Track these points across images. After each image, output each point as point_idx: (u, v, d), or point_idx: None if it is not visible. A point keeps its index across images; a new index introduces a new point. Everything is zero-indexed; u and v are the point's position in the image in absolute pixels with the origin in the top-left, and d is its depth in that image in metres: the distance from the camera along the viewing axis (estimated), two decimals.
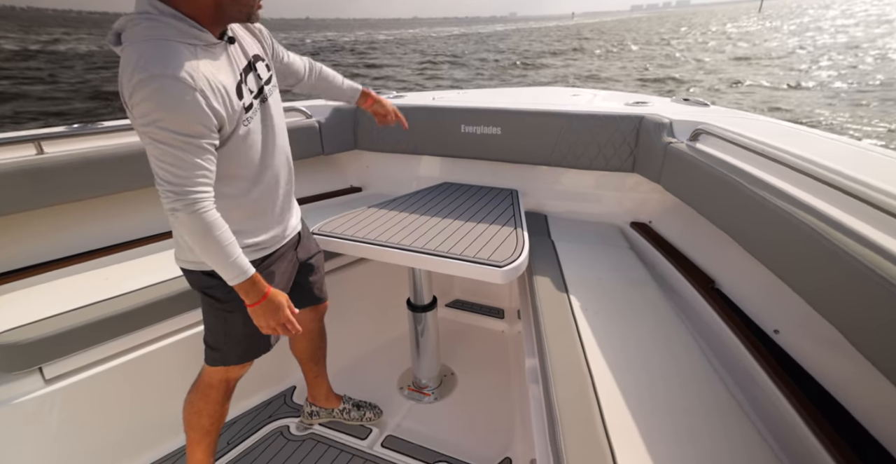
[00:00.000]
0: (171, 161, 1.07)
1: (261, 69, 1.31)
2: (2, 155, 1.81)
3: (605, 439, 1.11)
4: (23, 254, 1.91)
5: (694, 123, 2.02)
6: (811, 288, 1.20)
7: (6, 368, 1.52)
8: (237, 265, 1.20)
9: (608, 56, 26.07)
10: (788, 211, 1.28)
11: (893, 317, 0.92)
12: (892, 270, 0.96)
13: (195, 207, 1.12)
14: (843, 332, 1.07)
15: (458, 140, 2.49)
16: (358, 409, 2.05)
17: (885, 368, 0.95)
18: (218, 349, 1.49)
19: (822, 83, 14.44)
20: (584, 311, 1.64)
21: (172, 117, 1.04)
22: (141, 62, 1.00)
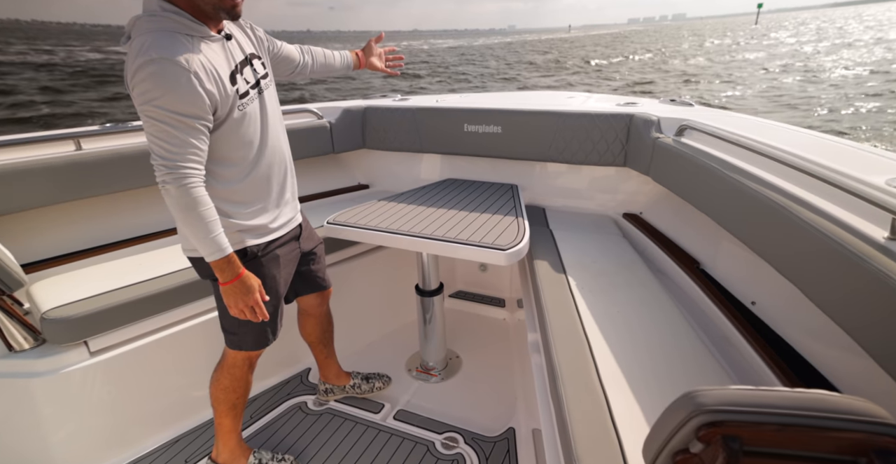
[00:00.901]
0: (164, 138, 1.18)
1: (257, 65, 1.44)
2: (45, 151, 1.99)
3: (601, 392, 1.25)
4: (66, 240, 2.08)
5: (679, 120, 2.20)
6: (784, 261, 1.36)
7: (57, 340, 1.68)
8: (216, 242, 1.29)
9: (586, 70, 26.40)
10: (763, 193, 1.44)
11: (854, 281, 1.08)
12: (850, 239, 1.12)
13: (184, 182, 1.21)
14: (810, 297, 1.23)
15: (461, 139, 2.67)
16: (367, 381, 2.21)
17: (847, 326, 1.10)
18: (234, 333, 1.60)
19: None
20: (581, 289, 1.79)
21: (168, 96, 1.15)
22: (143, 49, 1.13)
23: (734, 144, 1.79)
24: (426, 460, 1.87)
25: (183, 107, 1.17)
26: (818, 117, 11.60)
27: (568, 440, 1.12)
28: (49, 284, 1.81)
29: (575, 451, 1.08)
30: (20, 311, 1.71)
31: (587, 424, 1.15)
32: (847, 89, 14.92)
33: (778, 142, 1.71)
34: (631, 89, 18.16)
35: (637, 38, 73.10)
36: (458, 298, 3.00)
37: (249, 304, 1.40)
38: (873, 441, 0.68)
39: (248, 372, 1.70)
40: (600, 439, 1.10)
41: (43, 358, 1.66)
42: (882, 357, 1.04)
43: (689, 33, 72.22)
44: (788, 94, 15.03)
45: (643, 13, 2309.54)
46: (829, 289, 1.19)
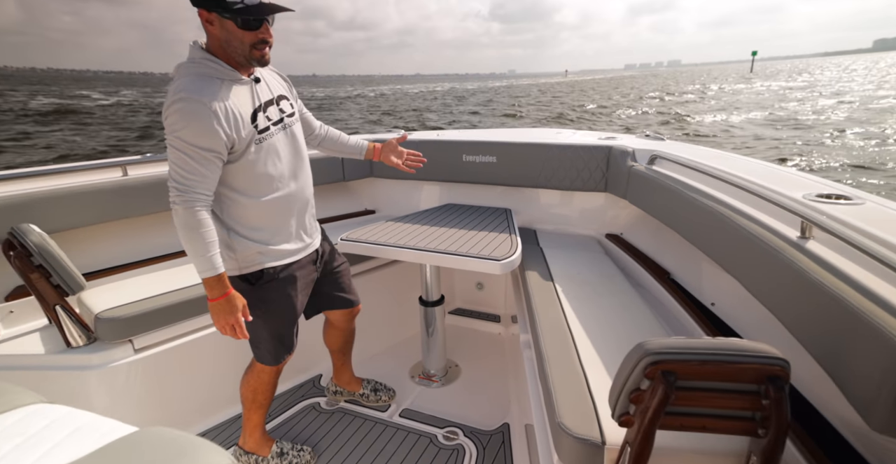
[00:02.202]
0: (181, 164, 1.36)
1: (284, 105, 1.62)
2: (96, 177, 2.31)
3: (584, 380, 1.45)
4: (112, 254, 2.37)
5: (651, 151, 2.52)
6: (732, 262, 1.63)
7: (106, 338, 1.93)
8: (210, 261, 1.42)
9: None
10: (720, 211, 1.73)
11: (776, 269, 1.35)
12: (774, 240, 1.40)
13: (190, 205, 1.38)
14: (758, 299, 1.48)
15: (460, 168, 2.99)
16: (375, 393, 2.38)
17: (786, 321, 1.34)
18: (258, 347, 1.79)
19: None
20: (567, 295, 2.05)
21: (188, 130, 1.33)
22: (177, 89, 1.34)
23: (695, 170, 2.10)
24: (429, 450, 2.07)
25: (200, 140, 1.35)
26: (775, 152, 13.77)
27: (556, 428, 1.30)
28: (99, 291, 2.07)
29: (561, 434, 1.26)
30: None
31: (572, 410, 1.33)
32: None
33: (730, 168, 2.02)
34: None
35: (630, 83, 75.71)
36: (457, 314, 3.23)
37: (230, 322, 1.51)
38: (767, 370, 0.94)
39: (273, 378, 1.89)
40: (584, 423, 1.28)
41: (95, 353, 1.90)
42: (786, 318, 1.31)
43: (688, 80, 75.52)
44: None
45: (639, 59, 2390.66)
46: (760, 279, 1.46)
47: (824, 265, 1.23)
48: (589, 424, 1.27)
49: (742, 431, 1.03)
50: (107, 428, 1.04)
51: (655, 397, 0.96)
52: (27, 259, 1.81)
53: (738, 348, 0.97)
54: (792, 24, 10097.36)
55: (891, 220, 1.39)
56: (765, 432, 0.99)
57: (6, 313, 2.09)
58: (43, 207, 2.11)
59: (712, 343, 1.00)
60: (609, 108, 28.90)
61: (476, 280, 3.25)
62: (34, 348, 1.93)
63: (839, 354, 1.09)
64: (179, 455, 0.90)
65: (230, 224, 1.57)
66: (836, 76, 59.19)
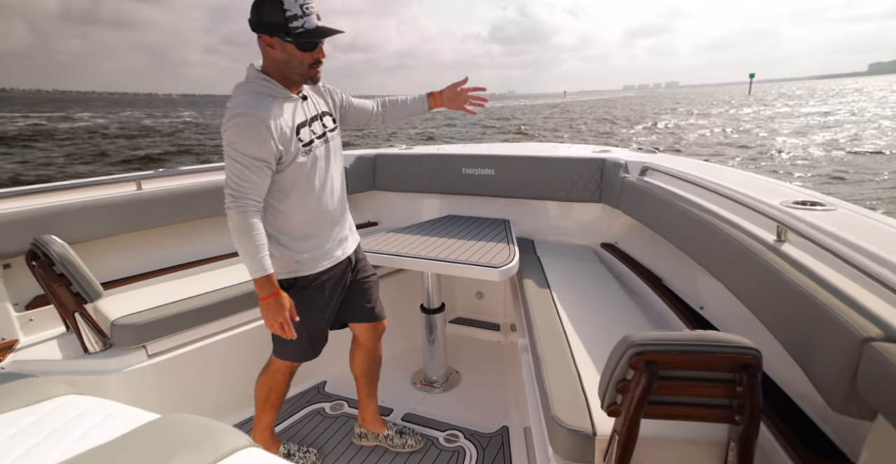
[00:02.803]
0: (236, 173, 1.49)
1: (326, 121, 1.74)
2: (111, 191, 2.43)
3: (578, 380, 1.54)
4: (128, 264, 2.48)
5: (642, 163, 2.64)
6: (717, 266, 1.72)
7: (121, 343, 2.01)
8: (261, 262, 1.53)
9: None
10: (706, 219, 1.83)
11: (755, 270, 1.44)
12: (752, 244, 1.51)
13: (243, 209, 1.49)
14: (740, 299, 1.57)
15: (460, 180, 3.11)
16: (401, 435, 2.18)
17: (762, 317, 1.44)
18: (281, 344, 1.84)
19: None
20: (562, 301, 2.13)
21: (243, 142, 1.46)
22: (235, 105, 1.48)
23: (683, 181, 2.21)
24: (430, 452, 2.13)
25: (254, 151, 1.48)
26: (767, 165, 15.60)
27: (551, 422, 1.37)
28: (115, 299, 2.16)
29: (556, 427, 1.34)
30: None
31: (565, 404, 1.41)
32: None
33: (715, 178, 2.13)
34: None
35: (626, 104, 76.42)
36: (457, 323, 3.31)
37: (279, 320, 1.61)
38: (740, 359, 1.03)
39: (287, 378, 1.95)
40: (576, 416, 1.35)
41: (111, 358, 1.98)
42: (763, 315, 1.40)
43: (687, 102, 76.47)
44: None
45: (637, 81, 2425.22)
46: (740, 281, 1.55)
47: (796, 265, 1.33)
48: (581, 416, 1.35)
49: (721, 418, 1.11)
50: (134, 415, 1.13)
51: (639, 386, 1.05)
52: (50, 268, 1.91)
53: (714, 339, 1.06)
54: (787, 47, 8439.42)
55: (859, 224, 1.49)
56: (741, 418, 1.08)
57: (26, 322, 2.18)
58: (63, 220, 2.22)
59: (691, 335, 1.09)
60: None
61: (476, 290, 3.34)
62: (53, 353, 2.01)
63: (807, 345, 1.18)
64: (204, 437, 0.99)
65: (271, 232, 1.66)
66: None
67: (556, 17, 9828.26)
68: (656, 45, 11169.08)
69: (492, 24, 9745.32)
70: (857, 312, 1.07)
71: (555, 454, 1.38)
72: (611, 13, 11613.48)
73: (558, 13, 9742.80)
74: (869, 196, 10.80)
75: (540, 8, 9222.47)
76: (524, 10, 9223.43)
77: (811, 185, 11.95)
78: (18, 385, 1.22)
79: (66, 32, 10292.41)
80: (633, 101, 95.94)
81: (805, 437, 1.30)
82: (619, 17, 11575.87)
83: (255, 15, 1.49)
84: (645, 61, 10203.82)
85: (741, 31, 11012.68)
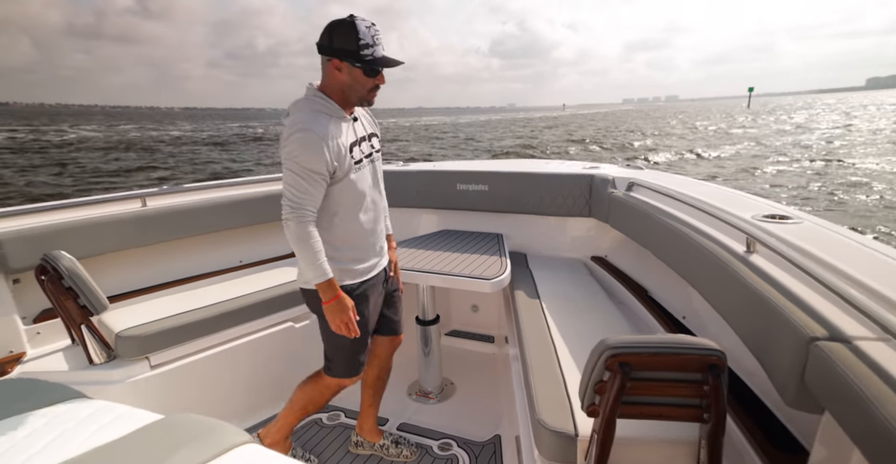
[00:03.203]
0: (295, 185, 1.59)
1: (374, 142, 1.87)
2: (117, 208, 2.53)
3: (563, 387, 1.62)
4: (132, 278, 2.57)
5: (629, 179, 2.74)
6: (699, 282, 1.80)
7: (125, 355, 2.09)
8: (321, 268, 1.64)
9: None
10: (684, 231, 1.92)
11: (726, 280, 1.52)
12: (724, 255, 1.59)
13: (302, 219, 1.60)
14: (713, 306, 1.65)
15: (454, 196, 3.21)
16: (396, 445, 2.25)
17: (732, 322, 1.52)
18: (329, 360, 1.92)
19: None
20: (552, 312, 2.22)
21: (303, 156, 1.56)
22: (296, 121, 1.58)
23: (665, 196, 2.31)
24: (425, 460, 2.20)
25: (312, 165, 1.58)
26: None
27: (536, 424, 1.45)
28: (120, 313, 2.24)
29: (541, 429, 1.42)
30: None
31: (550, 408, 1.49)
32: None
33: (694, 193, 2.23)
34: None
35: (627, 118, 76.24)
36: (453, 336, 3.38)
37: (344, 320, 1.72)
38: (706, 360, 1.12)
39: (334, 393, 2.01)
40: (560, 418, 1.43)
41: (115, 370, 2.06)
42: (732, 320, 1.49)
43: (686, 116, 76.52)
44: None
45: (637, 94, 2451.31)
46: (714, 289, 1.64)
47: (760, 274, 1.42)
48: (564, 418, 1.43)
49: (692, 417, 1.19)
50: (141, 416, 1.21)
51: (615, 386, 1.13)
52: (58, 282, 1.99)
53: (682, 341, 1.14)
54: (784, 61, 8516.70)
55: (820, 236, 1.59)
56: (709, 416, 1.16)
57: (34, 335, 2.26)
58: (71, 236, 2.32)
59: (661, 338, 1.17)
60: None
61: (471, 303, 3.42)
62: (59, 365, 2.09)
63: (767, 346, 1.27)
64: (207, 433, 1.07)
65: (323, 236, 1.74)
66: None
67: (555, 31, 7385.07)
68: (655, 59, 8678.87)
69: (492, 38, 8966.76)
70: (807, 314, 1.16)
71: (540, 456, 1.46)
72: (610, 28, 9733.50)
73: (558, 28, 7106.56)
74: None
75: (539, 22, 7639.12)
76: (524, 24, 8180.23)
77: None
78: (33, 390, 1.30)
79: (69, 47, 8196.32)
80: (630, 114, 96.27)
81: (770, 433, 1.39)
82: (617, 31, 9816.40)
83: (327, 39, 1.60)
84: (644, 75, 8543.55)
85: (739, 46, 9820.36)
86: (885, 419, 0.83)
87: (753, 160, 20.32)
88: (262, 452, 1.07)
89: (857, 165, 17.45)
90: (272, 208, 2.97)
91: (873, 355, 0.97)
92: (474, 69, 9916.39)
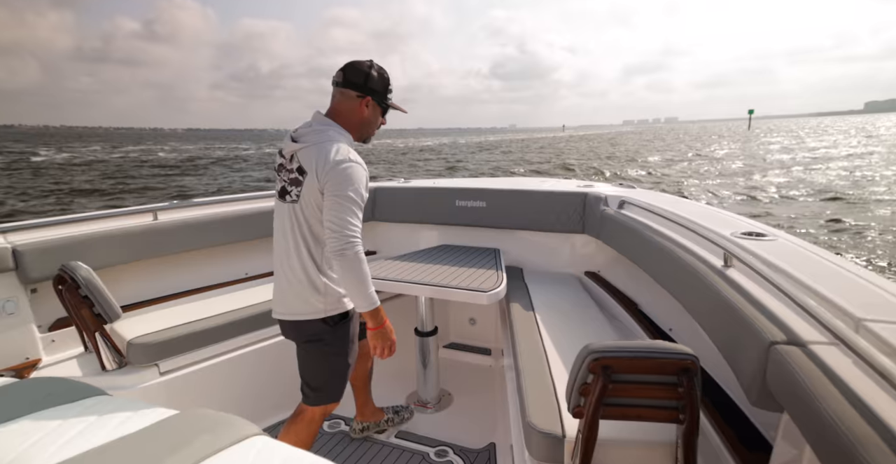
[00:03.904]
0: (350, 215, 1.60)
1: None
2: (129, 221, 2.65)
3: (553, 388, 1.71)
4: (143, 289, 2.68)
5: (620, 197, 2.86)
6: (683, 295, 1.91)
7: (136, 362, 2.18)
8: (372, 297, 1.68)
9: None
10: (669, 247, 2.03)
11: (706, 292, 1.63)
12: (703, 270, 1.70)
13: (357, 248, 1.62)
14: (693, 316, 1.75)
15: (453, 212, 3.33)
16: (397, 414, 2.57)
17: (709, 331, 1.62)
18: (321, 390, 1.87)
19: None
20: (545, 324, 2.31)
21: (359, 186, 1.64)
22: (341, 152, 1.62)
23: (653, 213, 2.44)
24: None
25: (362, 196, 1.67)
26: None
27: (527, 427, 1.54)
28: (131, 322, 2.34)
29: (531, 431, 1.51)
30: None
31: (540, 411, 1.57)
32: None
33: (679, 210, 2.35)
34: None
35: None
36: (451, 348, 3.46)
37: (387, 345, 1.79)
38: (680, 364, 1.22)
39: (321, 424, 1.98)
40: (549, 421, 1.52)
41: (126, 376, 2.15)
42: (709, 329, 1.59)
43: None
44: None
45: (637, 116, 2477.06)
46: (695, 301, 1.74)
47: (733, 286, 1.53)
48: (553, 421, 1.52)
49: (669, 418, 1.29)
50: (160, 411, 1.30)
51: (597, 388, 1.22)
52: (76, 291, 2.10)
53: (658, 346, 1.25)
54: (783, 85, 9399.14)
55: (790, 252, 1.72)
56: (684, 417, 1.25)
57: (49, 342, 2.35)
58: (85, 248, 2.43)
59: (640, 343, 1.28)
60: None
61: (469, 316, 3.51)
62: (73, 371, 2.18)
63: (736, 351, 1.37)
64: (220, 425, 1.16)
65: (325, 270, 1.77)
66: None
67: (554, 54, 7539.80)
68: (654, 81, 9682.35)
69: (492, 60, 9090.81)
70: (770, 321, 1.27)
71: (530, 457, 1.54)
72: (608, 51, 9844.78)
73: (557, 51, 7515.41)
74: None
75: (539, 45, 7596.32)
76: (523, 47, 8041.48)
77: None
78: (58, 388, 1.39)
79: (77, 70, 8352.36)
80: (627, 136, 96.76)
81: (741, 432, 1.49)
82: (616, 54, 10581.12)
83: (363, 79, 1.73)
84: (643, 97, 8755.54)
85: (737, 69, 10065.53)
86: (830, 418, 0.92)
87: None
88: (272, 442, 1.16)
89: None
90: None
91: (824, 358, 1.08)
92: (475, 90, 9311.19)
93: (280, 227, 1.79)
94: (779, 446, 1.25)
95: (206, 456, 1.03)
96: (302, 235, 1.72)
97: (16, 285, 2.30)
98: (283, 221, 1.77)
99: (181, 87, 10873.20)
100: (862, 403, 0.92)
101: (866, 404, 0.91)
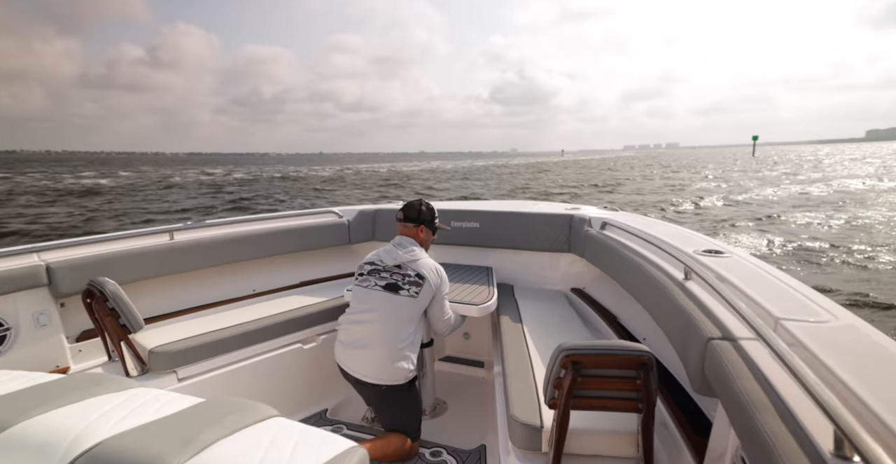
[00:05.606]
0: (448, 308, 2.48)
1: None
2: (148, 241, 2.89)
3: (535, 387, 1.92)
4: (162, 303, 2.90)
5: (603, 219, 3.11)
6: (651, 305, 2.12)
7: (156, 369, 2.38)
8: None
9: None
10: (643, 265, 2.25)
11: (668, 303, 1.84)
12: (667, 282, 1.93)
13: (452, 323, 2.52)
14: (661, 327, 1.95)
15: (449, 232, 3.56)
16: None
17: (667, 332, 1.83)
18: (417, 427, 2.46)
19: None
20: (531, 334, 2.52)
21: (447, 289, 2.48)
22: (437, 266, 2.46)
23: (629, 233, 2.67)
24: None
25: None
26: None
27: (511, 419, 1.74)
28: (152, 333, 2.55)
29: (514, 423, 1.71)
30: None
31: (522, 406, 1.78)
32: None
33: (652, 231, 2.59)
34: None
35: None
36: (446, 361, 3.65)
37: None
38: (638, 359, 1.44)
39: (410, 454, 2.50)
40: (529, 413, 1.73)
41: (148, 382, 2.34)
42: (668, 331, 1.81)
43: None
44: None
45: (638, 141, 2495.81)
46: (660, 310, 1.96)
47: (688, 294, 1.76)
48: (533, 413, 1.73)
49: (630, 408, 1.50)
50: (192, 399, 1.52)
51: (568, 381, 1.44)
52: (104, 303, 2.32)
53: (620, 345, 1.47)
54: (783, 112, 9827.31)
55: (738, 266, 1.95)
56: (642, 406, 1.46)
57: (76, 352, 2.56)
58: (109, 265, 2.66)
59: (605, 342, 1.50)
60: None
61: (463, 330, 3.71)
62: None
63: (686, 347, 1.58)
64: (243, 408, 1.36)
65: (416, 343, 2.42)
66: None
67: (554, 79, 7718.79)
68: (654, 107, 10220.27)
69: (492, 85, 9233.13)
70: (710, 321, 1.49)
71: (513, 447, 1.74)
72: (607, 77, 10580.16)
73: (556, 76, 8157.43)
74: None
75: (538, 71, 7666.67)
76: (523, 72, 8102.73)
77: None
78: (107, 380, 1.61)
79: (81, 97, 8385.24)
80: (622, 161, 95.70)
81: (694, 421, 1.70)
82: (615, 80, 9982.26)
83: (416, 214, 2.59)
84: (643, 123, 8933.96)
85: (736, 97, 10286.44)
86: (746, 402, 1.09)
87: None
88: (289, 423, 1.37)
89: None
90: (282, 243, 3.37)
91: (747, 351, 1.29)
92: (476, 115, 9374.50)
93: (379, 307, 2.39)
94: (715, 429, 1.46)
95: (233, 431, 1.23)
96: (410, 319, 2.39)
97: (48, 299, 2.52)
98: (385, 306, 2.38)
99: (184, 112, 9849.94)
100: (772, 388, 1.11)
101: (775, 390, 1.10)
